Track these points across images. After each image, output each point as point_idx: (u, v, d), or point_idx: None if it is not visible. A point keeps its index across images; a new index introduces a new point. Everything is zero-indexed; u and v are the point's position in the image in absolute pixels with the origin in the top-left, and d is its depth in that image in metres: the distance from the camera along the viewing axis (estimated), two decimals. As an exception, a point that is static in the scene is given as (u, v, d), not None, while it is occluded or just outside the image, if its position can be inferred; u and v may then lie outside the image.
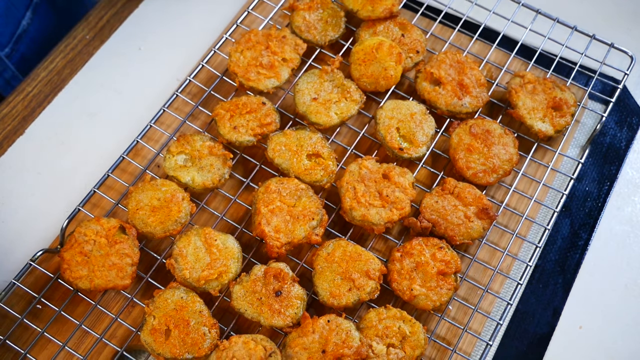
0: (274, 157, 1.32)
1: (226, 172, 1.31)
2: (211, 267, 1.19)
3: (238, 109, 1.35)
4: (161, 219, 1.23)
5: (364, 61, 1.41)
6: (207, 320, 1.16)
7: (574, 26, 1.51)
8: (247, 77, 1.39)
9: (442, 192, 1.30)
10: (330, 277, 1.21)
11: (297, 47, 1.43)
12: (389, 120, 1.36)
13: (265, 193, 1.26)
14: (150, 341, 1.14)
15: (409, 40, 1.46)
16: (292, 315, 1.17)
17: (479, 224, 1.27)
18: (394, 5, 1.46)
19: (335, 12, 1.50)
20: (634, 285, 1.34)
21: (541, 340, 1.28)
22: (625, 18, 1.65)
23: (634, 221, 1.40)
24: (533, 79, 1.42)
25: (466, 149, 1.34)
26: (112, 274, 1.18)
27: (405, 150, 1.34)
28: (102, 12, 1.62)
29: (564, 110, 1.39)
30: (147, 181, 1.28)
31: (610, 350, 1.28)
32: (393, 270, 1.22)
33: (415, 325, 1.17)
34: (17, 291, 1.24)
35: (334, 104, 1.37)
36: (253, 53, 1.41)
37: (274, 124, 1.35)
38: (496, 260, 1.31)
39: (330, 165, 1.32)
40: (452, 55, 1.43)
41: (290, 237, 1.23)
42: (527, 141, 1.42)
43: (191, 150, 1.32)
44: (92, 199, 1.33)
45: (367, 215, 1.25)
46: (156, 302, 1.17)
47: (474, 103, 1.39)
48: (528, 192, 1.38)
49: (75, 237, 1.20)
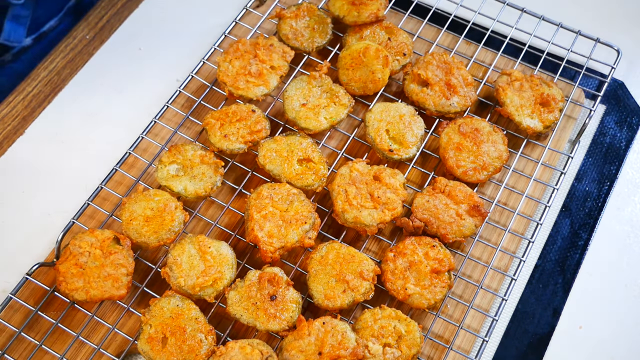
0: (265, 164, 1.33)
1: (218, 180, 1.32)
2: (206, 274, 1.20)
3: (228, 117, 1.37)
4: (155, 228, 1.24)
5: (352, 66, 1.43)
6: (203, 327, 1.17)
7: (559, 23, 1.52)
8: (236, 85, 1.40)
9: (433, 192, 1.31)
10: (324, 279, 1.21)
11: (284, 55, 1.45)
12: (378, 123, 1.37)
13: (258, 199, 1.27)
14: (147, 350, 1.15)
15: (396, 43, 1.48)
16: (287, 319, 1.18)
17: (470, 222, 1.28)
18: (379, 10, 1.48)
19: (321, 19, 1.52)
20: (634, 285, 1.34)
21: (541, 340, 1.28)
22: (610, 13, 1.67)
23: (634, 221, 1.40)
24: (520, 77, 1.43)
25: (456, 148, 1.35)
26: (108, 284, 1.19)
27: (395, 151, 1.34)
28: (102, 12, 1.64)
29: (551, 106, 1.40)
30: (140, 192, 1.29)
31: (610, 350, 1.27)
32: (387, 270, 1.23)
33: (411, 324, 1.18)
34: (13, 305, 1.25)
35: (323, 108, 1.39)
36: (241, 62, 1.43)
37: (264, 131, 1.36)
38: (490, 257, 1.31)
39: (322, 169, 1.33)
40: (439, 56, 1.44)
41: (284, 241, 1.24)
42: (518, 138, 1.43)
43: (183, 159, 1.33)
44: (87, 212, 1.34)
45: (360, 217, 1.26)
46: (152, 310, 1.18)
47: (462, 102, 1.40)
48: (519, 188, 1.39)
49: (70, 249, 1.21)
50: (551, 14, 1.55)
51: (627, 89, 1.54)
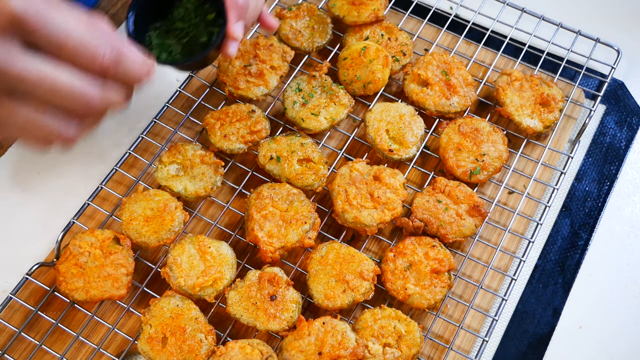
0: (265, 164, 1.33)
1: (218, 180, 1.32)
2: (206, 274, 1.20)
3: (228, 117, 1.37)
4: (155, 228, 1.24)
5: (352, 65, 1.43)
6: (203, 327, 1.17)
7: (559, 23, 1.52)
8: (236, 85, 1.40)
9: (433, 192, 1.31)
10: (324, 279, 1.21)
11: (285, 55, 1.45)
12: (378, 123, 1.37)
13: (258, 199, 1.27)
14: (147, 350, 1.15)
15: (396, 43, 1.48)
16: (287, 319, 1.18)
17: (470, 222, 1.28)
18: (379, 10, 1.48)
19: (321, 19, 1.52)
20: (634, 285, 1.33)
21: (541, 340, 1.28)
22: (610, 13, 1.67)
23: (634, 221, 1.40)
24: (520, 77, 1.43)
25: (456, 147, 1.35)
26: (108, 284, 1.19)
27: (395, 151, 1.34)
28: (102, 12, 1.63)
29: (551, 106, 1.40)
30: (140, 192, 1.29)
31: (610, 350, 1.27)
32: (387, 270, 1.23)
33: (411, 324, 1.18)
34: (13, 305, 1.25)
35: (323, 108, 1.39)
36: (241, 62, 1.43)
37: (264, 131, 1.36)
38: (490, 257, 1.32)
39: (322, 169, 1.33)
40: (439, 56, 1.44)
41: (284, 241, 1.24)
42: (518, 138, 1.43)
43: (183, 159, 1.33)
44: (87, 212, 1.34)
45: (359, 217, 1.26)
46: (152, 310, 1.18)
47: (462, 102, 1.40)
48: (519, 188, 1.39)
49: (70, 249, 1.21)
50: (551, 14, 1.55)
51: (627, 89, 1.54)
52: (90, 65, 0.86)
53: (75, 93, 0.85)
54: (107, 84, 0.90)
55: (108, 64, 0.87)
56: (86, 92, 0.86)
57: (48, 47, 0.82)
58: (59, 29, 0.81)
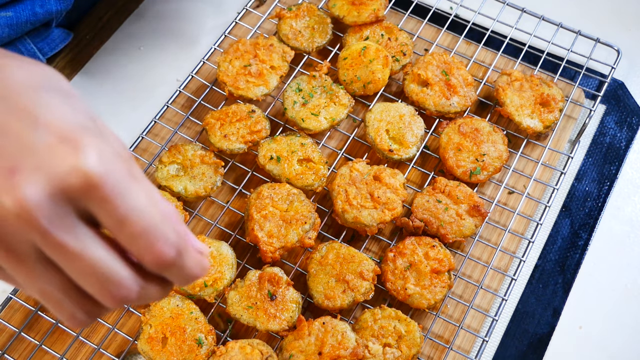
0: (265, 164, 1.33)
1: (218, 180, 1.32)
2: (206, 274, 1.20)
3: (228, 117, 1.37)
4: (155, 228, 1.24)
5: (352, 65, 1.43)
6: (203, 327, 1.17)
7: (559, 23, 1.52)
8: (237, 85, 1.40)
9: (433, 192, 1.31)
10: (324, 279, 1.21)
11: (284, 55, 1.45)
12: (378, 123, 1.37)
13: (258, 199, 1.27)
14: (147, 350, 1.15)
15: (396, 43, 1.48)
16: (287, 319, 1.18)
17: (470, 222, 1.28)
18: (379, 10, 1.48)
19: (321, 19, 1.52)
20: (634, 285, 1.33)
21: (541, 340, 1.28)
22: (610, 13, 1.67)
23: (634, 221, 1.40)
24: (520, 77, 1.43)
25: (456, 147, 1.35)
26: (108, 284, 1.19)
27: (395, 151, 1.35)
28: (102, 12, 1.63)
29: (551, 106, 1.40)
30: (140, 192, 1.29)
31: (610, 350, 1.27)
32: (387, 270, 1.23)
33: (411, 324, 1.18)
34: (13, 304, 1.25)
35: (323, 108, 1.39)
36: (241, 62, 1.43)
37: (264, 131, 1.36)
38: (490, 257, 1.32)
39: (322, 169, 1.33)
40: (439, 56, 1.44)
41: (284, 241, 1.24)
42: (518, 138, 1.43)
43: (183, 159, 1.33)
44: (87, 212, 1.34)
45: (359, 217, 1.26)
46: (152, 310, 1.18)
47: (462, 102, 1.41)
48: (519, 188, 1.39)
49: (70, 249, 1.21)
50: (551, 14, 1.55)
51: (627, 89, 1.54)
52: (144, 255, 0.67)
53: (112, 283, 0.67)
54: (149, 278, 0.73)
55: (167, 258, 0.67)
56: (125, 284, 0.68)
57: (106, 222, 0.65)
58: (133, 208, 0.64)
